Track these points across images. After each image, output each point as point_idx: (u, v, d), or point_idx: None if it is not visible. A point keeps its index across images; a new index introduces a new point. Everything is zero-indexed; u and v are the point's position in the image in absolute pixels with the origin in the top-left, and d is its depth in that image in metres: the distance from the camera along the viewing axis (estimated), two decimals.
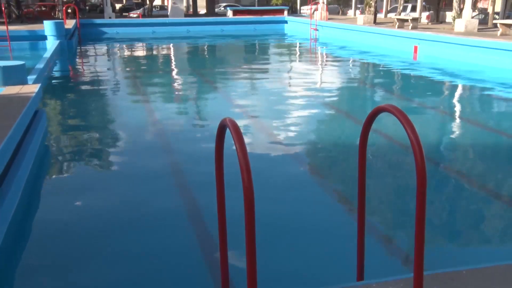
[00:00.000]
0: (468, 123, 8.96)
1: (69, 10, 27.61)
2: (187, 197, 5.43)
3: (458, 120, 9.23)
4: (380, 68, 15.56)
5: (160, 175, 5.97)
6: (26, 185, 5.35)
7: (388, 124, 7.65)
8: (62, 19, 24.10)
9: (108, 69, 16.14)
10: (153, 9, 37.46)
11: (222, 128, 2.53)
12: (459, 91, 12.10)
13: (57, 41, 16.82)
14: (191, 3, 38.76)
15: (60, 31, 18.00)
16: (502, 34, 16.53)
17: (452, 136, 8.24)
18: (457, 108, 10.40)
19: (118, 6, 45.69)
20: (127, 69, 16.00)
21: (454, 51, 15.59)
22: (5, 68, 7.51)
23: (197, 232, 4.58)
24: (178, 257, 4.07)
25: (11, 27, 17.76)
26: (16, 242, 4.35)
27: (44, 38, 18.00)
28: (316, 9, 26.88)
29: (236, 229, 2.97)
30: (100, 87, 12.46)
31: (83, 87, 12.43)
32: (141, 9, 39.18)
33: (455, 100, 11.23)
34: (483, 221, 4.92)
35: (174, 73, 15.49)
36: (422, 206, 2.45)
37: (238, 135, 2.21)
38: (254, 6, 40.26)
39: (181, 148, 7.15)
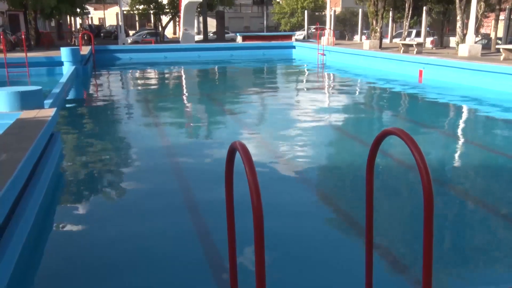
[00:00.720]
0: (473, 145, 8.92)
1: (85, 37, 28.01)
2: (197, 217, 5.41)
3: (463, 142, 9.19)
4: (387, 91, 15.58)
5: (171, 198, 5.98)
6: (40, 208, 5.36)
7: (394, 145, 7.63)
8: (78, 45, 24.46)
9: (121, 93, 16.29)
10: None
11: (232, 151, 2.55)
12: (463, 113, 12.08)
13: (73, 67, 17.03)
14: (201, 29, 39.27)
15: (76, 57, 18.24)
16: (505, 59, 16.53)
17: (458, 157, 8.20)
18: (462, 130, 10.36)
19: (131, 33, 46.34)
20: (140, 93, 16.14)
21: (459, 74, 15.60)
22: (23, 93, 7.61)
23: (206, 251, 4.56)
24: (188, 276, 4.05)
25: (29, 54, 18.04)
26: (29, 266, 4.35)
27: (60, 64, 18.24)
28: (323, 35, 27.04)
29: (245, 249, 2.95)
30: (114, 111, 12.57)
31: (97, 111, 12.55)
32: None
33: (460, 122, 11.20)
34: (492, 242, 4.85)
35: (185, 96, 15.61)
36: (429, 227, 2.43)
37: (247, 158, 2.21)
38: (262, 32, 40.64)
39: (192, 170, 7.18)
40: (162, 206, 5.62)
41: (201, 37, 38.10)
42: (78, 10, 30.49)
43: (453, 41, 24.57)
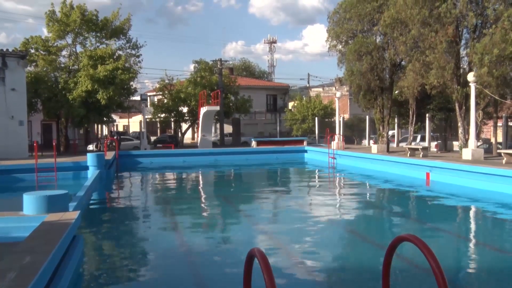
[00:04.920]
0: (482, 246, 8.70)
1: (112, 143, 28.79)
2: None
3: (473, 244, 8.95)
4: (396, 194, 15.49)
5: None
6: None
7: (407, 246, 7.45)
8: (103, 151, 25.09)
9: (141, 196, 16.39)
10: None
11: (250, 258, 2.50)
12: (472, 215, 11.89)
13: (97, 171, 17.32)
14: (218, 133, 40.16)
15: (101, 162, 18.60)
16: (507, 162, 16.51)
17: (469, 259, 7.95)
18: (472, 231, 10.14)
19: (153, 138, 47.60)
20: (159, 196, 16.22)
21: (465, 177, 15.54)
22: (50, 197, 7.72)
23: None
24: None
25: (58, 159, 18.50)
26: None
27: (86, 168, 18.59)
28: (334, 139, 27.51)
29: None
30: (133, 214, 12.58)
31: (118, 214, 12.56)
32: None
33: (469, 224, 11.00)
34: None
35: (202, 199, 15.63)
36: None
37: (266, 266, 2.17)
38: (276, 137, 41.46)
39: (211, 272, 7.01)
40: None
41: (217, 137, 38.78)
42: (105, 119, 31.63)
43: (456, 145, 24.82)
